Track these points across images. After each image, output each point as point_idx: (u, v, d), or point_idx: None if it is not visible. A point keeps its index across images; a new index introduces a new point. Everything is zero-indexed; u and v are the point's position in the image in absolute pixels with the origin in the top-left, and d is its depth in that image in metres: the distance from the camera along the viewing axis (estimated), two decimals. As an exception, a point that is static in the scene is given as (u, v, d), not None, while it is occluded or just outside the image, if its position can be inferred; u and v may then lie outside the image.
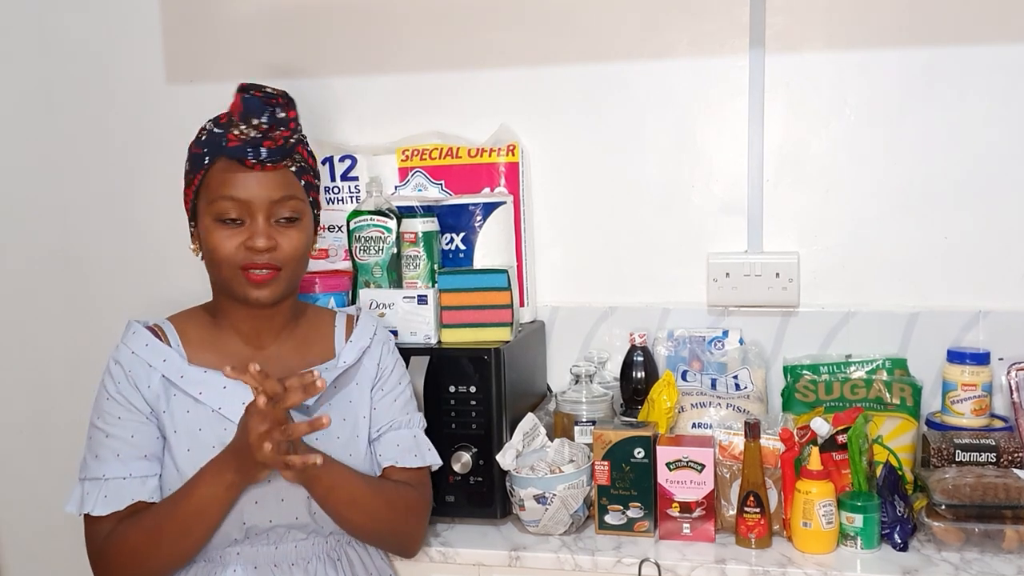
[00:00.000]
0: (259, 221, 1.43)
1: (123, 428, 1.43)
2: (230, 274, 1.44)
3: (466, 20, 2.03)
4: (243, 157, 1.42)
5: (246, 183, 1.43)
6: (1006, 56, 1.82)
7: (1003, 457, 1.67)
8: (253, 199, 1.43)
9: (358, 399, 1.55)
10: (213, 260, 1.45)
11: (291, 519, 1.45)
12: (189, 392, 1.44)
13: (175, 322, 1.52)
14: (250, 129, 1.43)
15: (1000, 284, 1.86)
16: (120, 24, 2.19)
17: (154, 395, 1.44)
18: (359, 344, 1.57)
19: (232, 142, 1.43)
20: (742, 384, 1.83)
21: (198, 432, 1.43)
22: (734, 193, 1.95)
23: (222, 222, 1.44)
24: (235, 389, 1.44)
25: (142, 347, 1.46)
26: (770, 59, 1.90)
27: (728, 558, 1.55)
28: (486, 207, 1.87)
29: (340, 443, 1.50)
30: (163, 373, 1.44)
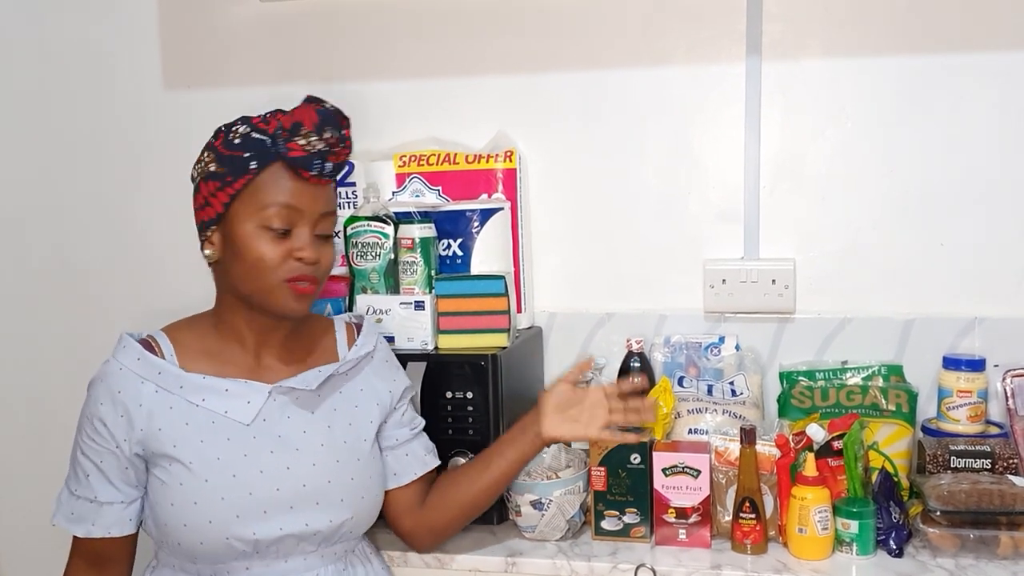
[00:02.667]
0: (306, 233, 1.41)
1: (94, 452, 1.41)
2: (272, 284, 1.41)
3: (464, 27, 2.03)
4: (307, 168, 1.39)
5: (302, 193, 1.40)
6: (1003, 64, 1.82)
7: (998, 463, 1.68)
8: (306, 210, 1.41)
9: (363, 404, 1.54)
10: (252, 267, 1.40)
11: (301, 526, 1.42)
12: (190, 400, 1.41)
13: (169, 332, 1.49)
14: (319, 141, 1.39)
15: (996, 291, 1.87)
16: (118, 30, 2.19)
17: (147, 413, 1.40)
18: (364, 349, 1.56)
19: (296, 151, 1.39)
20: (738, 390, 1.83)
21: (200, 444, 1.40)
22: (731, 200, 1.95)
23: (270, 230, 1.40)
24: (239, 390, 1.43)
25: (133, 361, 1.42)
26: (767, 66, 1.91)
27: (724, 564, 1.55)
28: (483, 213, 1.88)
29: (348, 447, 1.49)
30: (158, 385, 1.41)
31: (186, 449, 1.40)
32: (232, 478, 1.39)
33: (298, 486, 1.42)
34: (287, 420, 1.45)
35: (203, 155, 1.45)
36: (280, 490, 1.41)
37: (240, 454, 1.41)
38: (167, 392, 1.41)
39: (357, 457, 1.50)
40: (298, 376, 1.48)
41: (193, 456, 1.40)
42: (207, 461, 1.39)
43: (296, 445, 1.44)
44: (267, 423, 1.44)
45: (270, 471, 1.41)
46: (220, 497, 1.38)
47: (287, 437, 1.44)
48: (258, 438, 1.43)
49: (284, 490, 1.41)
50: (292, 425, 1.46)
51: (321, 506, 1.44)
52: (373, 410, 1.55)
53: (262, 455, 1.42)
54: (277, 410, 1.45)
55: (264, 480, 1.41)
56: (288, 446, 1.44)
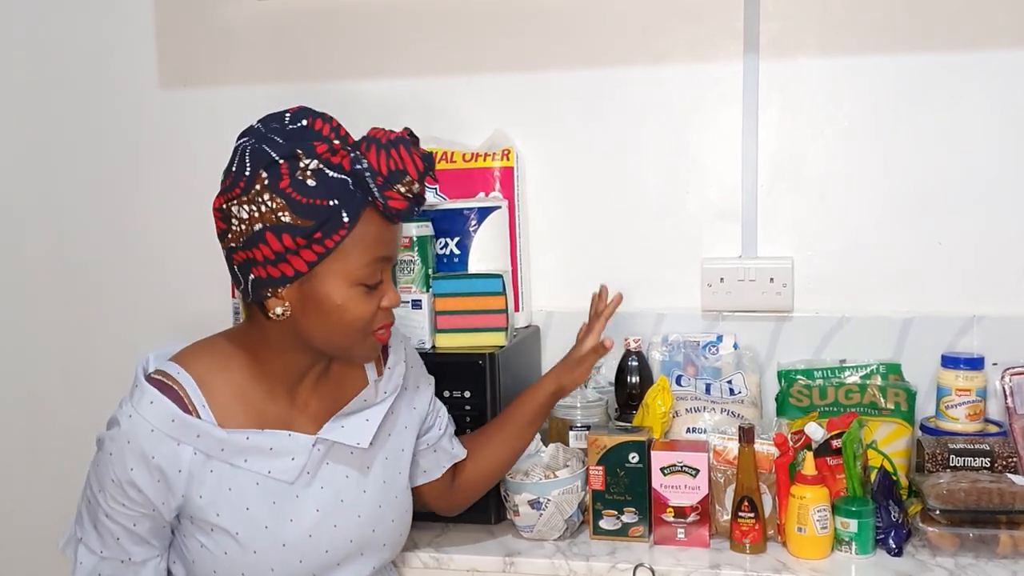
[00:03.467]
0: (389, 278, 1.30)
1: (125, 517, 1.27)
2: (361, 338, 1.29)
3: (461, 25, 2.03)
4: (407, 218, 1.28)
5: (393, 240, 1.28)
6: (1001, 62, 1.82)
7: (997, 462, 1.68)
8: (394, 256, 1.31)
9: (397, 432, 1.46)
10: (347, 324, 1.27)
11: (345, 543, 1.35)
12: (232, 462, 1.28)
13: (193, 372, 1.29)
14: (418, 185, 1.25)
15: (994, 289, 1.87)
16: (114, 29, 2.19)
17: (185, 479, 1.26)
18: (397, 371, 1.46)
19: (395, 200, 1.23)
20: (736, 389, 1.83)
21: (245, 512, 1.28)
22: (728, 198, 1.95)
23: (362, 285, 1.26)
24: (283, 446, 1.31)
25: (166, 422, 1.24)
26: (764, 65, 1.91)
27: (723, 563, 1.55)
28: (481, 212, 1.87)
29: (388, 487, 1.42)
30: (197, 448, 1.25)
31: (231, 518, 1.28)
32: (281, 548, 1.30)
33: (345, 543, 1.36)
34: (326, 467, 1.36)
35: (262, 197, 1.21)
36: (329, 552, 1.34)
37: (287, 519, 1.31)
38: (204, 455, 1.27)
39: (395, 495, 1.43)
40: (345, 426, 1.36)
41: (239, 526, 1.28)
42: (254, 531, 1.29)
43: (340, 496, 1.36)
44: (309, 476, 1.34)
45: (318, 534, 1.33)
46: (270, 568, 1.30)
47: (331, 489, 1.35)
48: (301, 497, 1.32)
49: (332, 551, 1.34)
50: (333, 473, 1.36)
51: (366, 556, 1.38)
52: (405, 436, 1.47)
53: (309, 517, 1.32)
54: (318, 459, 1.35)
55: (313, 544, 1.32)
56: (333, 499, 1.35)
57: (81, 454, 2.24)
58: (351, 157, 1.23)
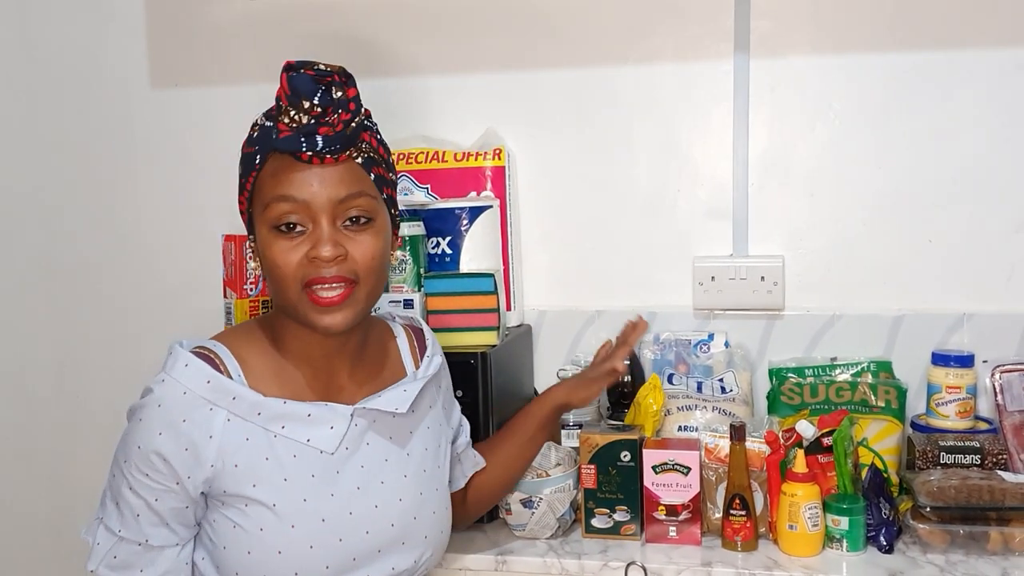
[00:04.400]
0: (323, 226, 1.21)
1: (148, 488, 1.21)
2: (295, 298, 1.22)
3: (452, 25, 2.03)
4: (296, 149, 1.19)
5: (304, 181, 1.20)
6: (991, 60, 1.83)
7: (987, 459, 1.68)
8: (312, 199, 1.20)
9: (435, 424, 1.42)
10: (274, 278, 1.23)
11: (388, 571, 1.30)
12: (268, 428, 1.23)
13: (230, 345, 1.27)
14: (301, 114, 1.20)
15: (985, 287, 1.87)
16: (104, 28, 2.18)
17: (218, 447, 1.20)
18: (435, 360, 1.43)
19: (283, 132, 1.20)
20: (728, 387, 1.83)
21: (283, 484, 1.23)
22: (719, 197, 1.95)
23: (280, 230, 1.21)
24: (321, 415, 1.26)
25: (202, 384, 1.21)
26: (755, 63, 1.91)
27: (714, 561, 1.55)
28: (472, 211, 1.87)
29: (428, 476, 1.36)
30: (231, 412, 1.21)
31: (268, 488, 1.22)
32: (321, 523, 1.24)
33: (386, 527, 1.29)
34: (366, 448, 1.30)
35: None
36: (369, 533, 1.27)
37: (327, 494, 1.25)
38: (242, 420, 1.22)
39: (436, 487, 1.37)
40: (383, 396, 1.31)
41: (277, 497, 1.22)
42: (293, 503, 1.22)
43: (380, 477, 1.30)
44: (348, 452, 1.28)
45: (359, 512, 1.27)
46: (309, 546, 1.23)
47: (370, 468, 1.29)
48: (342, 472, 1.27)
49: (373, 533, 1.28)
50: (372, 454, 1.30)
51: (407, 546, 1.31)
52: (444, 430, 1.44)
53: (349, 493, 1.27)
54: (357, 436, 1.29)
55: (354, 523, 1.26)
56: (373, 479, 1.29)
57: (76, 454, 2.27)
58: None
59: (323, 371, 1.31)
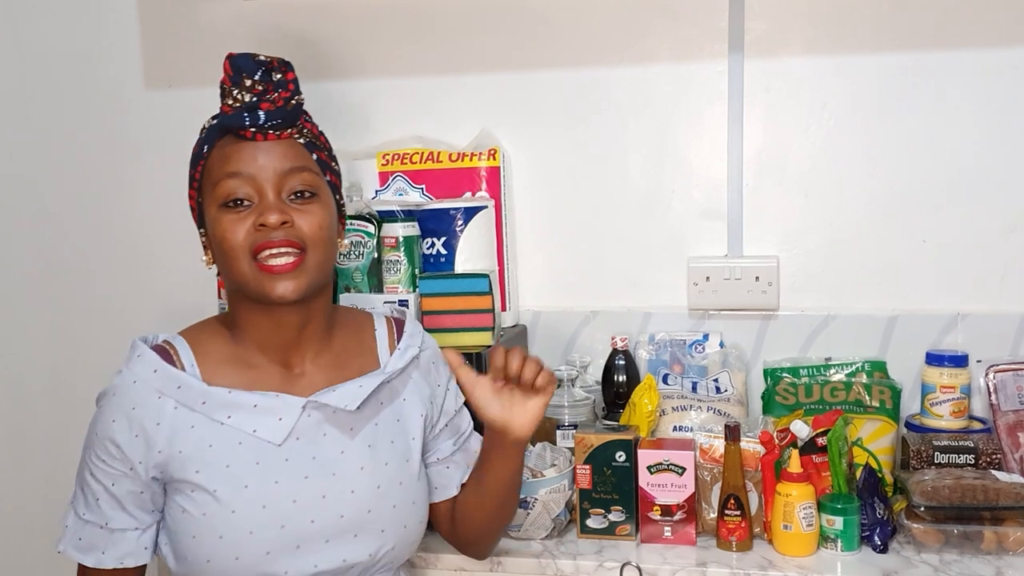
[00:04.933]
0: (269, 196, 1.25)
1: (105, 473, 1.26)
2: (247, 269, 1.25)
3: (447, 25, 2.03)
4: (240, 124, 1.25)
5: (249, 156, 1.26)
6: (985, 60, 1.83)
7: (982, 459, 1.69)
8: (258, 172, 1.25)
9: (407, 418, 1.39)
10: (224, 253, 1.26)
11: (338, 562, 1.29)
12: (214, 417, 1.26)
13: (188, 337, 1.32)
14: (243, 92, 1.27)
15: (978, 287, 1.88)
16: (98, 29, 2.18)
17: (166, 434, 1.24)
18: (409, 353, 1.41)
19: (225, 111, 1.28)
20: (723, 387, 1.83)
21: (226, 470, 1.25)
22: (714, 198, 1.96)
23: (228, 207, 1.25)
24: (268, 405, 1.28)
25: (150, 374, 1.26)
26: (749, 64, 1.91)
27: (709, 561, 1.56)
28: (467, 211, 1.87)
29: (390, 469, 1.34)
30: (178, 401, 1.25)
31: (211, 475, 1.25)
32: (262, 509, 1.25)
33: (335, 517, 1.28)
34: (322, 438, 1.30)
35: None
36: (315, 522, 1.27)
37: (271, 481, 1.26)
38: (188, 409, 1.26)
39: (400, 481, 1.35)
40: (337, 390, 1.31)
41: (219, 483, 1.24)
42: (234, 489, 1.24)
43: (333, 469, 1.29)
44: (300, 442, 1.29)
45: (304, 501, 1.27)
46: (248, 531, 1.24)
47: (323, 459, 1.29)
48: (291, 461, 1.27)
49: (319, 522, 1.27)
50: (328, 445, 1.30)
51: (360, 538, 1.30)
52: (416, 423, 1.40)
53: (295, 482, 1.27)
54: (312, 427, 1.30)
55: (297, 511, 1.26)
56: (324, 470, 1.29)
57: (70, 454, 2.23)
58: None
59: (280, 357, 1.33)
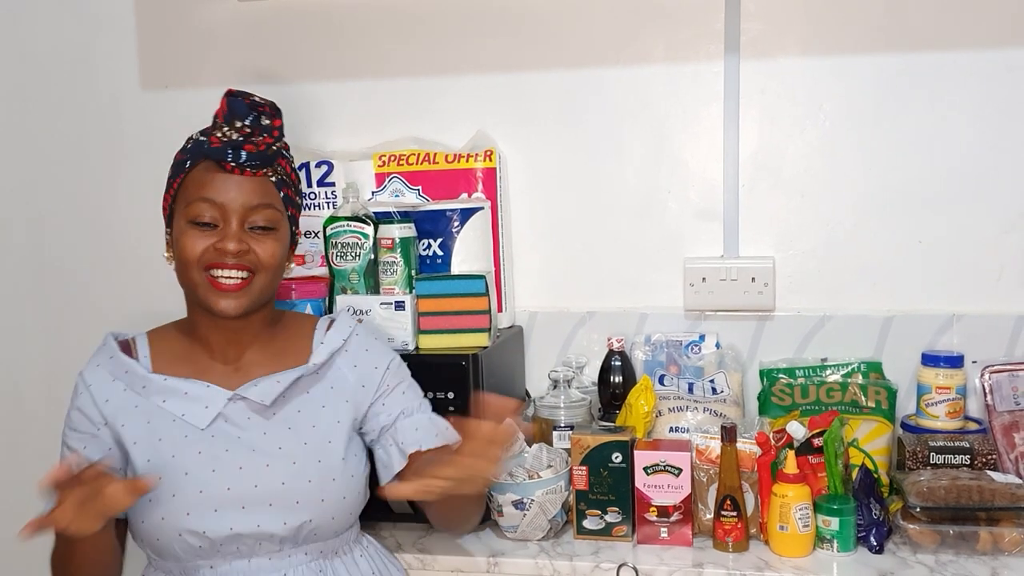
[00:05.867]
0: (232, 225, 1.43)
1: (77, 440, 1.47)
2: (197, 279, 1.43)
3: (443, 26, 2.03)
4: (223, 159, 1.42)
5: (224, 186, 1.43)
6: (980, 61, 1.84)
7: (977, 459, 1.69)
8: (229, 203, 1.43)
9: (332, 404, 1.51)
10: (181, 262, 1.44)
11: (252, 527, 1.41)
12: (152, 400, 1.45)
13: (151, 335, 1.54)
14: (232, 131, 1.45)
15: (974, 288, 1.88)
16: (94, 30, 2.18)
17: (113, 409, 1.45)
18: (330, 346, 1.54)
19: (214, 143, 1.44)
20: (719, 388, 1.83)
21: (158, 443, 1.43)
22: (710, 198, 1.96)
23: (195, 224, 1.43)
24: (198, 393, 1.45)
25: (106, 359, 1.48)
26: (745, 65, 1.91)
27: (705, 562, 1.56)
28: (463, 213, 1.87)
29: (308, 448, 1.46)
30: (126, 384, 1.46)
31: (144, 447, 1.43)
32: (184, 476, 1.41)
33: (249, 486, 1.42)
34: (247, 422, 1.46)
35: None
36: (231, 489, 1.41)
37: (194, 451, 1.43)
38: (133, 392, 1.46)
39: (318, 459, 1.46)
40: (259, 384, 1.47)
41: (151, 453, 1.43)
42: (162, 458, 1.42)
43: (253, 446, 1.44)
44: (228, 424, 1.45)
45: (222, 470, 1.42)
46: (171, 494, 1.40)
47: (246, 439, 1.45)
48: (216, 437, 1.44)
49: (235, 489, 1.41)
50: (252, 428, 1.46)
51: (275, 508, 1.42)
52: (343, 409, 1.51)
53: (216, 454, 1.43)
54: (238, 412, 1.46)
55: (215, 478, 1.42)
56: (244, 447, 1.44)
57: (63, 455, 2.25)
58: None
59: (222, 355, 1.50)
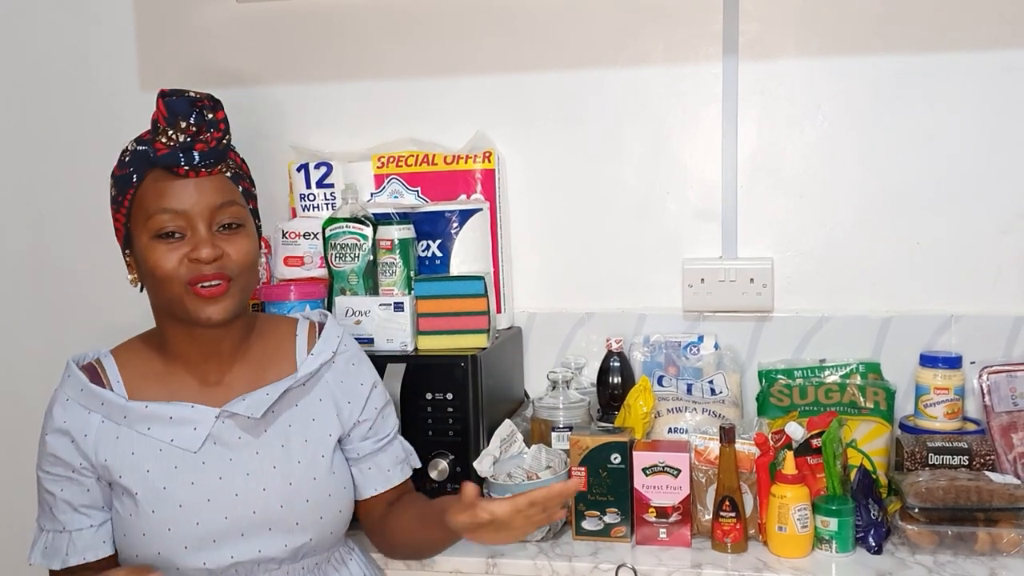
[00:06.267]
0: (200, 231, 1.34)
1: (53, 482, 1.38)
2: (178, 292, 1.34)
3: (442, 27, 2.03)
4: (175, 164, 1.33)
5: (183, 192, 1.34)
6: (977, 62, 1.84)
7: (975, 460, 1.69)
8: (191, 208, 1.34)
9: (322, 417, 1.46)
10: (156, 280, 1.35)
11: (253, 553, 1.37)
12: (136, 429, 1.37)
13: (118, 355, 1.44)
14: (178, 133, 1.34)
15: (972, 288, 1.88)
16: (93, 31, 2.18)
17: (93, 443, 1.36)
18: (321, 357, 1.48)
19: (161, 150, 1.34)
20: (717, 389, 1.83)
21: (146, 475, 1.35)
22: (709, 199, 1.96)
23: (160, 238, 1.34)
24: (184, 416, 1.38)
25: (77, 392, 1.38)
26: (744, 66, 1.92)
27: (704, 563, 1.56)
28: (462, 214, 1.87)
29: (303, 467, 1.42)
30: (104, 416, 1.37)
31: (132, 479, 1.36)
32: (178, 508, 1.35)
33: (247, 513, 1.37)
34: (238, 441, 1.40)
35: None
36: (228, 518, 1.36)
37: (187, 482, 1.36)
38: (113, 423, 1.37)
39: (313, 476, 1.42)
40: (247, 399, 1.40)
41: (139, 486, 1.35)
42: (153, 491, 1.35)
43: (247, 469, 1.38)
44: (217, 446, 1.39)
45: (217, 499, 1.36)
46: (167, 528, 1.34)
47: (238, 460, 1.39)
48: (207, 463, 1.37)
49: (232, 518, 1.36)
50: (243, 447, 1.40)
51: (275, 532, 1.38)
52: (332, 422, 1.47)
53: (210, 482, 1.36)
54: (227, 432, 1.39)
55: (211, 508, 1.36)
56: (238, 471, 1.38)
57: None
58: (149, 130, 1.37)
59: (201, 369, 1.43)
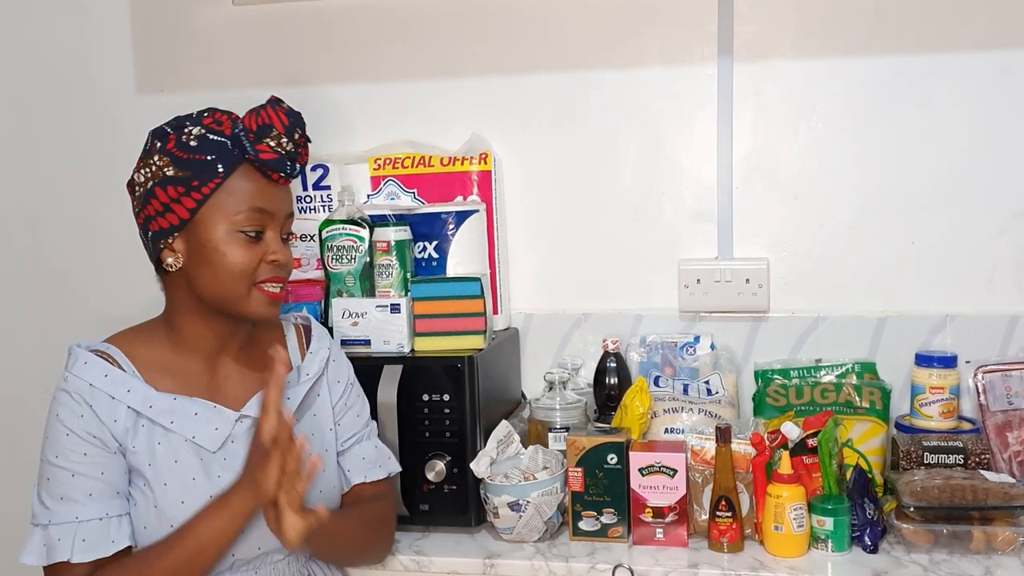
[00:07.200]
0: (276, 235, 1.42)
1: (92, 466, 1.34)
2: (243, 290, 1.39)
3: (438, 29, 2.03)
4: (281, 170, 1.40)
5: (275, 196, 1.42)
6: (973, 63, 1.84)
7: (971, 459, 1.69)
8: (276, 212, 1.42)
9: (322, 412, 1.53)
10: (224, 270, 1.38)
11: (275, 543, 1.38)
12: (159, 422, 1.37)
13: (120, 345, 1.42)
14: (289, 142, 1.40)
15: (967, 288, 1.89)
16: (90, 33, 2.18)
17: (122, 429, 1.35)
18: (319, 356, 1.55)
19: (267, 153, 1.38)
20: (713, 389, 1.84)
21: (174, 464, 1.37)
22: (704, 200, 1.97)
23: (242, 233, 1.38)
24: (207, 415, 1.40)
25: (101, 378, 1.36)
26: (739, 67, 1.92)
27: (701, 562, 1.56)
28: (459, 215, 1.88)
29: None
30: (129, 404, 1.36)
31: (161, 469, 1.36)
32: (210, 499, 1.36)
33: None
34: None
35: (152, 159, 1.39)
36: None
37: (215, 475, 1.38)
38: (137, 412, 1.37)
39: (322, 468, 1.46)
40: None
41: (168, 476, 1.36)
42: (183, 482, 1.36)
43: None
44: (236, 445, 1.41)
45: None
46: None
47: None
48: (228, 460, 1.40)
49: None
50: None
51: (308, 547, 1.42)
52: (330, 415, 1.54)
53: (234, 476, 1.37)
54: (245, 432, 1.42)
55: None
56: None
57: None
58: (231, 124, 1.40)
59: (212, 362, 1.45)
